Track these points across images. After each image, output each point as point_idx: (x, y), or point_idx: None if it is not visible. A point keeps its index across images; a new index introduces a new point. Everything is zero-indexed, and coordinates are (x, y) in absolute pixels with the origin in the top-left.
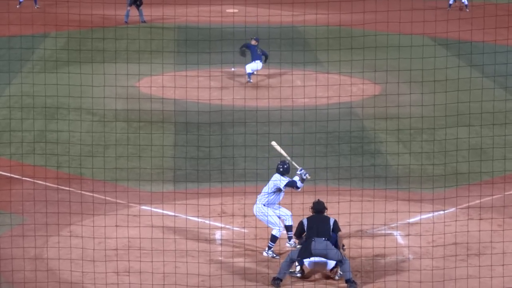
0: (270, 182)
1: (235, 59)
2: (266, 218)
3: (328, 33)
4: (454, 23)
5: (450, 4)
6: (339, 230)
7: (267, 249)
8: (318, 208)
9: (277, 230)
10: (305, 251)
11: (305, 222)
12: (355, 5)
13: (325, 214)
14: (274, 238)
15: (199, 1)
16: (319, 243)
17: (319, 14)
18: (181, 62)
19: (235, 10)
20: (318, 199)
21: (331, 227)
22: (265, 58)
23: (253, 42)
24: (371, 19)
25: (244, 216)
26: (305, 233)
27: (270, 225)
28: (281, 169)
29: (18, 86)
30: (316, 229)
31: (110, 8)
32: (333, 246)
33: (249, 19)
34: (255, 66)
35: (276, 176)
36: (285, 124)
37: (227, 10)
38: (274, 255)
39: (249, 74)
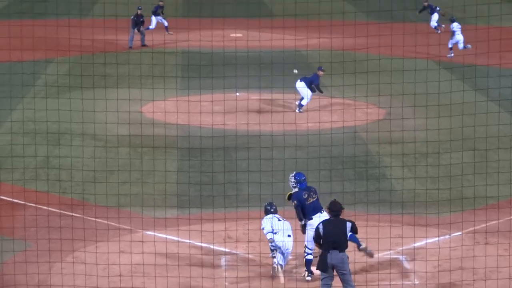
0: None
1: (237, 84)
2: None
3: (331, 57)
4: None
5: (436, 27)
6: (356, 232)
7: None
8: (335, 209)
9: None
10: (322, 264)
11: (321, 228)
12: (359, 29)
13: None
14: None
15: (201, 26)
16: (335, 256)
17: (322, 38)
18: (184, 87)
19: (239, 35)
20: (335, 199)
21: (348, 231)
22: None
23: (321, 73)
24: (375, 43)
25: (248, 241)
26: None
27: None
28: (272, 210)
29: (21, 112)
30: (333, 238)
31: (111, 33)
32: (348, 260)
33: (252, 44)
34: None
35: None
36: (289, 149)
37: (231, 35)
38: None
39: (302, 105)
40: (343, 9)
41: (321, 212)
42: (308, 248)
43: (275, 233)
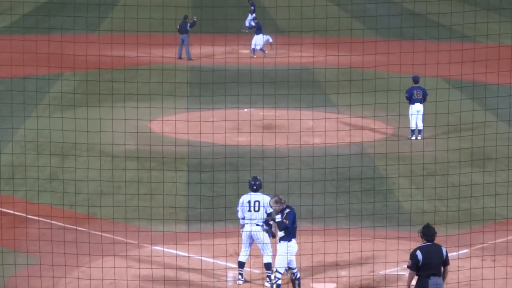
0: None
1: (244, 100)
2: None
3: (338, 74)
4: (468, 65)
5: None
6: (448, 263)
7: (268, 279)
8: (430, 233)
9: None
10: None
11: (419, 255)
12: (367, 46)
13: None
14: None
15: (202, 42)
16: (434, 281)
17: (329, 56)
18: (191, 103)
19: (245, 51)
20: (428, 223)
21: (444, 258)
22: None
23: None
24: (383, 61)
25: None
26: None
27: (268, 251)
28: (254, 187)
29: (29, 127)
30: (431, 265)
31: (119, 49)
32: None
33: (255, 60)
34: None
35: (260, 196)
36: (294, 167)
37: (240, 51)
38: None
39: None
40: (351, 26)
41: (294, 239)
42: (280, 273)
43: (246, 224)
